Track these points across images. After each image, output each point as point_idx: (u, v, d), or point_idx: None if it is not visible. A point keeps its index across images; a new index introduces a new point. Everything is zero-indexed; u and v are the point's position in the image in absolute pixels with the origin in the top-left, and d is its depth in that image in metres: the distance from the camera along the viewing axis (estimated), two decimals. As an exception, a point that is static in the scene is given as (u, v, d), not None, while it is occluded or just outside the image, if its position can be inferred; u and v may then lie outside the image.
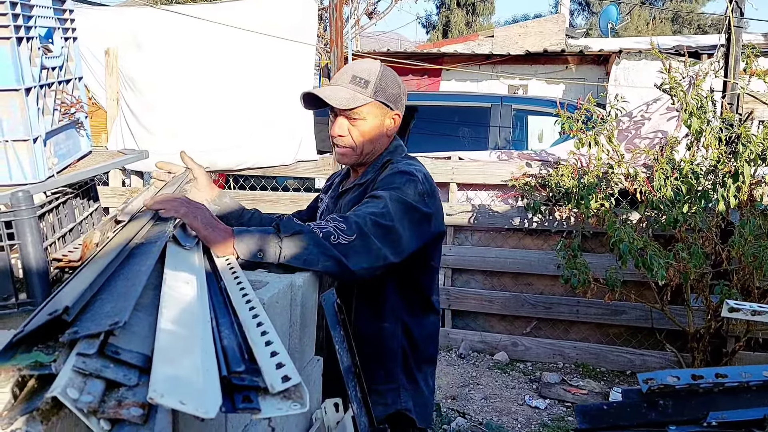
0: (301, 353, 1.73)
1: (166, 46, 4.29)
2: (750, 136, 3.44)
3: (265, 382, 0.84)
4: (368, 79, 1.65)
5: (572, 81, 6.52)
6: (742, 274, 3.47)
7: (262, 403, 0.82)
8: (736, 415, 1.38)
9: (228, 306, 1.17)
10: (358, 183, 1.74)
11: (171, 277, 1.05)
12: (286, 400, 0.85)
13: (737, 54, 3.71)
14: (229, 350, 0.90)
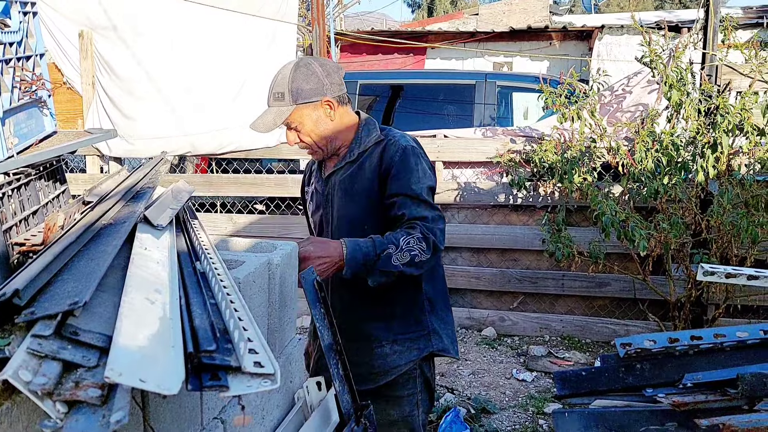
0: (281, 332, 1.73)
1: (144, 27, 4.19)
2: (728, 107, 3.47)
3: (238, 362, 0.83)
4: (282, 91, 1.78)
5: (556, 56, 6.51)
6: (720, 243, 3.52)
7: (231, 381, 0.81)
8: (710, 375, 1.41)
9: (201, 286, 1.16)
10: (349, 161, 1.84)
11: (140, 257, 1.03)
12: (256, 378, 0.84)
13: (715, 26, 3.72)
14: (200, 330, 0.89)
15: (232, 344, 0.90)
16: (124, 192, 1.38)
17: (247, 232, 4.50)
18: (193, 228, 1.65)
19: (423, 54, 7.57)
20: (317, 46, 4.32)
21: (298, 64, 1.80)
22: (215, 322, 0.97)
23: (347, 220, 1.84)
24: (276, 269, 1.62)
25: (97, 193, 1.32)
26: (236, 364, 0.82)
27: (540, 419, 3.10)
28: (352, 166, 1.83)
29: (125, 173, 1.64)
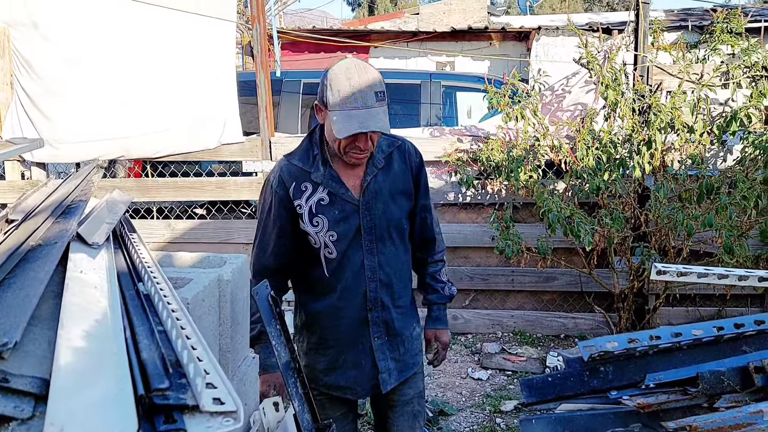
0: (234, 352, 1.65)
1: (68, 24, 3.89)
2: (660, 106, 3.62)
3: (195, 400, 0.74)
4: (383, 90, 1.68)
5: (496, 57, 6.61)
6: (659, 236, 3.66)
7: (189, 423, 0.72)
8: (671, 375, 1.42)
9: (147, 312, 1.05)
10: (380, 168, 1.80)
11: (75, 282, 0.92)
12: (216, 417, 0.75)
13: (645, 29, 3.87)
14: (149, 364, 0.80)
15: (186, 379, 0.81)
16: (53, 207, 1.25)
17: (187, 239, 4.29)
18: (132, 243, 1.53)
19: (366, 53, 7.52)
20: (258, 45, 4.16)
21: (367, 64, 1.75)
22: (166, 354, 0.87)
23: (393, 223, 1.82)
24: (227, 286, 1.52)
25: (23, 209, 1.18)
26: (193, 402, 0.74)
27: (497, 418, 3.11)
28: (384, 172, 1.81)
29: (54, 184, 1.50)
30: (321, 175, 1.74)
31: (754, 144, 3.48)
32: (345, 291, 1.79)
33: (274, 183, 1.74)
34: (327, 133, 1.70)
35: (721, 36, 3.90)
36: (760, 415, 1.26)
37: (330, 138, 1.68)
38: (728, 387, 1.39)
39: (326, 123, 1.67)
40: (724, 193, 3.39)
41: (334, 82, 1.62)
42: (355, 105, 1.60)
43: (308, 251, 1.78)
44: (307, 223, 1.74)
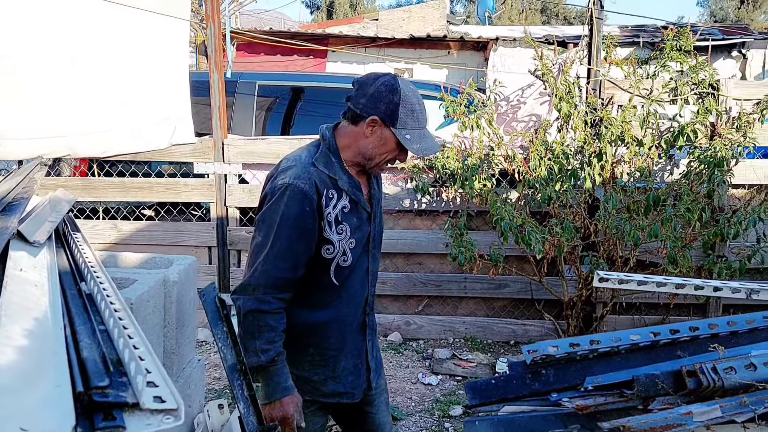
0: (179, 354, 1.64)
1: (10, 18, 3.75)
2: (611, 119, 3.76)
3: (135, 398, 0.75)
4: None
5: (454, 66, 6.71)
6: (607, 245, 3.78)
7: (129, 420, 0.72)
8: (609, 378, 1.48)
9: (88, 311, 1.03)
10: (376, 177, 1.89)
11: (14, 281, 0.90)
12: (156, 414, 0.76)
13: (599, 44, 4.01)
14: (90, 362, 0.79)
15: (127, 377, 0.81)
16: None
17: (134, 241, 4.20)
18: (75, 242, 1.50)
19: (324, 57, 7.52)
20: (212, 45, 4.12)
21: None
22: (107, 353, 0.86)
23: (382, 230, 1.93)
24: (173, 287, 1.51)
25: (-40, 206, 1.14)
26: (133, 400, 0.74)
27: (446, 422, 3.15)
28: (377, 182, 1.88)
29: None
30: (345, 182, 1.71)
31: (700, 159, 3.66)
32: (351, 298, 1.78)
33: (306, 189, 1.62)
34: (375, 147, 1.69)
35: (671, 53, 4.07)
36: (690, 416, 1.33)
37: (382, 150, 1.69)
38: (662, 390, 1.45)
39: (381, 137, 1.68)
40: (669, 205, 3.56)
41: (406, 100, 1.66)
42: (424, 125, 1.70)
43: (316, 261, 1.70)
44: (333, 231, 1.68)
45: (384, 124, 1.66)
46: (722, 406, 1.35)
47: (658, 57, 4.29)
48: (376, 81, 1.68)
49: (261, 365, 1.59)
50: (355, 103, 1.68)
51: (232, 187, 4.22)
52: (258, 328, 1.58)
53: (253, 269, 1.61)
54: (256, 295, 1.59)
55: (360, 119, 1.68)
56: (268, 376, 1.61)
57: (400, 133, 1.65)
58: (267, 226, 1.62)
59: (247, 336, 1.60)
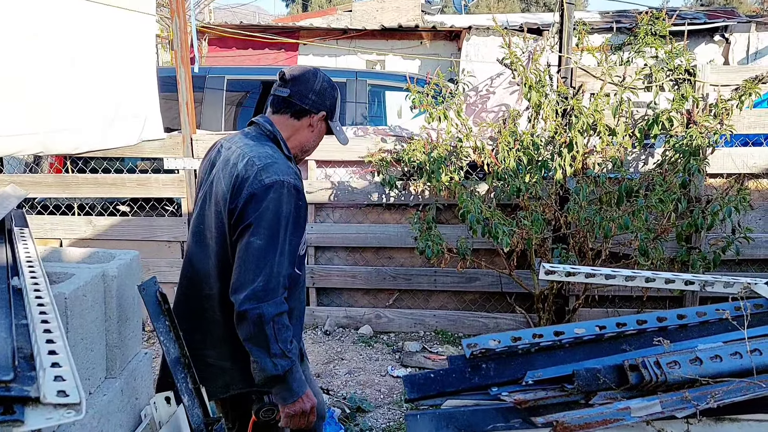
0: (122, 348, 1.66)
1: None
2: (582, 108, 3.68)
3: (37, 391, 0.77)
4: None
5: (427, 56, 6.64)
6: (578, 238, 3.73)
7: (29, 414, 0.74)
8: (550, 372, 1.43)
9: (11, 306, 1.02)
10: None
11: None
12: (58, 409, 0.78)
13: (569, 30, 3.93)
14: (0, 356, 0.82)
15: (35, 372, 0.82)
16: None
17: (109, 236, 4.21)
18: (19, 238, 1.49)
19: (295, 50, 7.43)
20: (177, 40, 4.05)
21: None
22: (21, 347, 0.88)
23: None
24: (112, 281, 1.53)
25: None
26: (36, 394, 0.76)
27: (410, 418, 3.11)
28: None
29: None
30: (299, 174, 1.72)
31: (675, 147, 3.57)
32: (303, 285, 1.82)
33: (297, 184, 1.62)
34: (314, 139, 1.78)
35: (645, 39, 3.96)
36: (627, 411, 1.28)
37: (315, 143, 1.80)
38: (604, 384, 1.40)
39: (320, 131, 1.78)
40: (641, 196, 3.49)
41: (338, 96, 1.78)
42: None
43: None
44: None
45: (327, 118, 1.76)
46: (662, 401, 1.30)
47: (633, 43, 4.19)
48: (317, 77, 1.73)
49: (291, 367, 1.55)
50: (302, 98, 1.70)
51: (201, 182, 4.16)
52: (281, 330, 1.53)
53: (266, 273, 1.52)
54: (275, 298, 1.53)
55: (305, 114, 1.71)
56: (292, 376, 1.56)
57: (334, 126, 1.77)
58: (267, 228, 1.54)
59: (269, 343, 1.51)
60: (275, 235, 1.55)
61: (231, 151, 1.68)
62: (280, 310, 1.53)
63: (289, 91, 1.70)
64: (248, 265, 1.53)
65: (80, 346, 1.42)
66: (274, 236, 1.55)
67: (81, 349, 1.43)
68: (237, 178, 1.59)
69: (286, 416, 1.59)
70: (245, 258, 1.53)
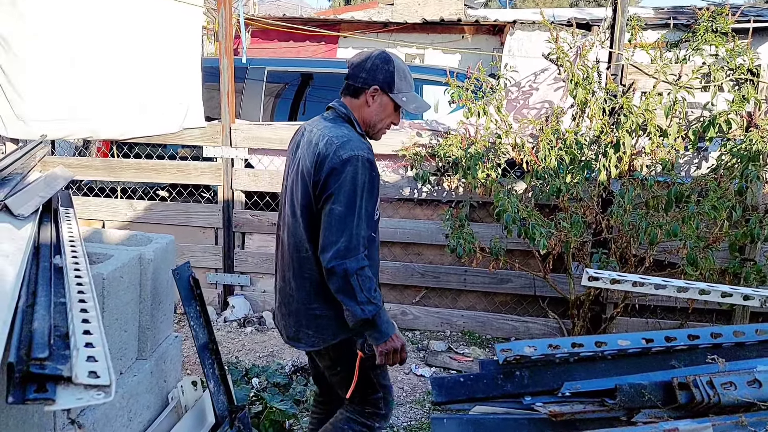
0: (154, 330, 1.67)
1: (44, 2, 3.82)
2: (631, 107, 3.48)
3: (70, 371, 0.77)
4: None
5: (468, 51, 6.48)
6: (620, 243, 3.55)
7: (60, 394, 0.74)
8: (589, 385, 1.30)
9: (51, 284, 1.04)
10: None
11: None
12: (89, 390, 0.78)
13: (622, 25, 3.73)
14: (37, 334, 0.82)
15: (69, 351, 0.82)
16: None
17: (147, 220, 4.30)
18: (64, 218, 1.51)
19: (335, 43, 7.37)
20: (223, 30, 4.09)
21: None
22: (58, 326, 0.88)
23: None
24: (149, 264, 1.55)
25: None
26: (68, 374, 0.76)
27: (434, 420, 3.01)
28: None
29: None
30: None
31: (732, 152, 3.31)
32: (378, 246, 2.02)
33: (370, 157, 1.84)
34: (377, 114, 1.93)
35: (705, 35, 3.72)
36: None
37: (382, 116, 1.93)
38: (649, 401, 1.27)
39: (381, 103, 1.91)
40: (693, 201, 3.27)
41: (399, 68, 1.91)
42: (413, 87, 1.96)
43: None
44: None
45: (383, 91, 1.89)
46: (715, 425, 1.17)
47: (690, 40, 3.95)
48: (371, 56, 1.92)
49: (377, 312, 1.77)
50: (355, 78, 1.91)
51: (238, 171, 4.19)
52: (365, 281, 1.76)
53: (347, 234, 1.77)
54: (357, 255, 1.77)
55: (361, 92, 1.91)
56: (380, 319, 1.79)
57: (397, 96, 1.90)
58: (346, 196, 1.78)
59: (355, 292, 1.75)
60: (353, 201, 1.78)
61: (313, 134, 1.91)
62: (361, 265, 1.76)
63: (348, 75, 1.94)
64: (332, 229, 1.78)
65: (114, 326, 1.46)
66: (352, 203, 1.78)
67: (115, 329, 1.47)
68: (319, 155, 1.83)
69: (380, 355, 1.82)
70: (329, 223, 1.79)
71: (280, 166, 4.19)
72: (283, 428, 2.54)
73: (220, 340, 3.77)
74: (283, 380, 3.10)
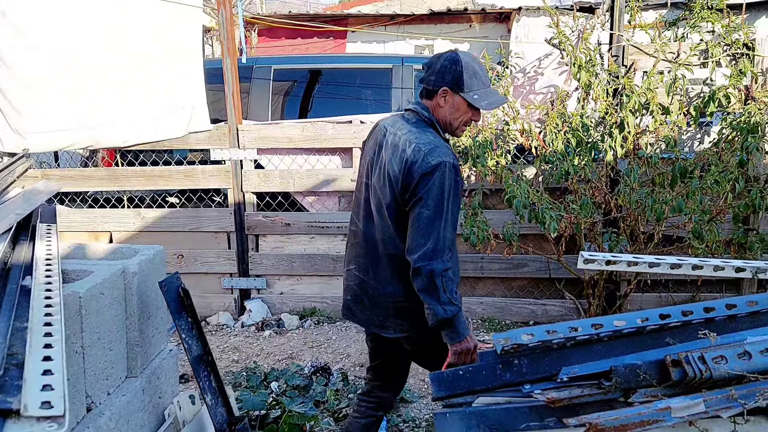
0: (144, 346, 1.61)
1: (36, 12, 3.81)
2: (633, 87, 3.52)
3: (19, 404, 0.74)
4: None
5: (476, 39, 6.49)
6: (629, 221, 3.60)
7: (9, 428, 0.72)
8: (586, 368, 1.38)
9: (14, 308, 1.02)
10: None
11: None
12: (41, 422, 0.74)
13: (621, 6, 3.75)
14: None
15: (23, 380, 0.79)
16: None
17: (157, 228, 4.28)
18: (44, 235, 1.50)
19: (344, 38, 7.41)
20: (223, 31, 4.09)
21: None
22: (15, 353, 0.85)
23: None
24: (133, 278, 1.48)
25: None
26: (17, 406, 0.73)
27: (455, 406, 3.09)
28: None
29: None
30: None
31: (732, 125, 3.40)
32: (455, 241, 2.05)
33: (456, 163, 1.91)
34: (450, 113, 1.97)
35: (701, 13, 3.76)
36: (668, 411, 1.23)
37: (456, 115, 1.97)
38: (645, 381, 1.35)
39: (453, 103, 1.96)
40: (696, 176, 3.33)
41: (467, 67, 1.93)
42: (488, 84, 1.98)
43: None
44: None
45: (453, 91, 1.94)
46: (707, 400, 1.24)
47: (688, 18, 3.98)
48: (440, 58, 1.97)
49: (457, 312, 1.84)
50: (427, 81, 1.98)
51: (248, 173, 4.22)
52: (448, 282, 1.84)
53: (434, 237, 1.84)
54: (443, 257, 1.84)
55: (433, 93, 1.97)
56: (458, 320, 1.86)
57: (468, 95, 1.93)
58: (434, 200, 1.86)
59: (439, 293, 1.83)
60: (440, 206, 1.86)
61: (398, 137, 1.97)
62: (446, 266, 1.83)
63: (422, 78, 2.01)
64: (420, 231, 1.86)
65: (97, 345, 1.40)
66: (440, 207, 1.86)
67: (98, 348, 1.41)
68: (407, 162, 1.90)
69: (453, 354, 1.89)
70: (418, 225, 1.86)
71: (291, 164, 4.25)
72: (303, 431, 2.57)
73: (238, 346, 3.79)
74: (303, 382, 3.08)
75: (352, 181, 4.14)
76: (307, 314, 4.22)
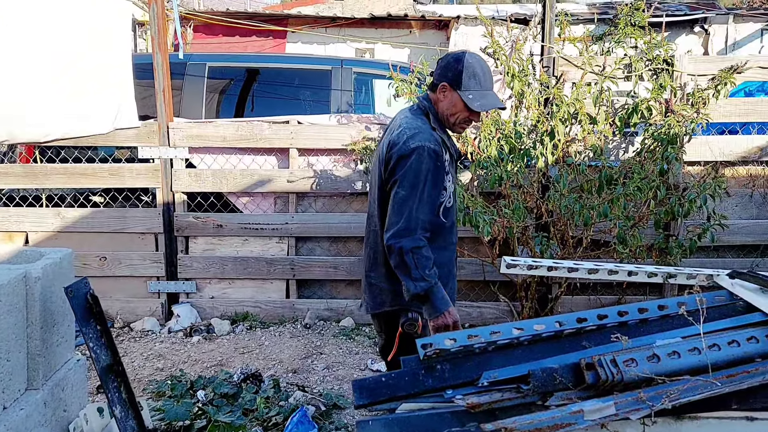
0: (47, 356, 1.53)
1: None
2: (563, 97, 3.66)
3: None
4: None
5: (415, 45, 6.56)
6: (559, 226, 3.72)
7: None
8: (506, 372, 1.40)
9: None
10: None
11: None
12: None
13: (551, 20, 3.90)
14: None
15: None
16: None
17: (78, 229, 4.10)
18: None
19: (283, 37, 7.33)
20: (154, 25, 3.95)
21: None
22: None
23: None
24: (35, 283, 1.38)
25: None
26: None
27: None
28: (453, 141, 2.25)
29: None
30: (448, 139, 2.14)
31: (654, 136, 3.61)
32: (451, 230, 2.17)
33: (436, 148, 2.00)
34: (447, 108, 2.07)
35: (625, 29, 3.96)
36: (581, 414, 1.26)
37: (453, 111, 2.07)
38: (561, 384, 1.38)
39: (451, 99, 2.06)
40: (621, 183, 3.50)
41: (469, 67, 2.03)
42: (487, 87, 2.06)
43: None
44: (447, 179, 2.08)
45: (452, 88, 2.04)
46: (617, 403, 1.28)
47: (613, 33, 4.19)
48: (447, 56, 2.10)
49: (429, 288, 1.92)
50: (434, 75, 2.12)
51: (179, 172, 4.10)
52: (419, 259, 1.92)
53: (406, 216, 1.95)
54: (413, 236, 1.94)
55: (436, 87, 2.09)
56: (433, 296, 1.94)
57: (463, 94, 2.03)
58: (410, 181, 1.97)
59: (409, 270, 1.93)
60: (415, 187, 1.96)
61: (395, 122, 2.13)
62: (417, 244, 1.93)
63: (431, 72, 2.18)
64: (393, 210, 1.98)
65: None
66: (415, 188, 1.96)
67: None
68: (390, 143, 2.03)
69: (432, 329, 1.96)
70: (392, 205, 1.99)
71: (225, 164, 4.16)
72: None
73: (163, 353, 3.66)
74: (232, 390, 3.00)
75: (289, 182, 4.08)
76: (239, 319, 4.12)
